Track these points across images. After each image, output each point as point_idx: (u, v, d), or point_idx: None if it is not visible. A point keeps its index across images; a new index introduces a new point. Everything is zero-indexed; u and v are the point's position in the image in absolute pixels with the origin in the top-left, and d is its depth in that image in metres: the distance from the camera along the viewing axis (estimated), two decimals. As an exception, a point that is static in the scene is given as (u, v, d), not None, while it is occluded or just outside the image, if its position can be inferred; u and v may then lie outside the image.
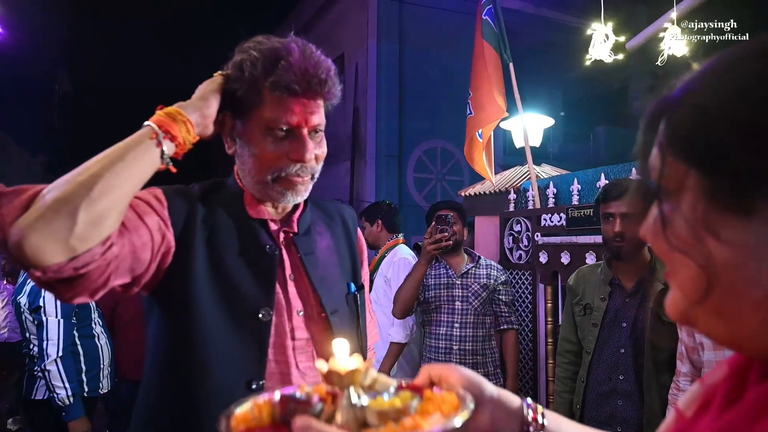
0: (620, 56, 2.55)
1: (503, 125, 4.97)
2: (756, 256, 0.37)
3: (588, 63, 2.50)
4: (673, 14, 2.56)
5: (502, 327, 2.76)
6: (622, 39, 2.56)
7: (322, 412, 0.64)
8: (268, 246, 1.02)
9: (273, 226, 1.05)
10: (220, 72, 0.99)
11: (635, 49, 3.18)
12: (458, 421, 0.56)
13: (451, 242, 2.47)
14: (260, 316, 0.97)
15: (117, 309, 3.05)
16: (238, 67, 0.95)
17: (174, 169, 0.89)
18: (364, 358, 1.10)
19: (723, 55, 0.40)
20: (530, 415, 0.61)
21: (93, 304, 2.71)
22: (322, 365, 0.63)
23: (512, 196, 3.39)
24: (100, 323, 2.76)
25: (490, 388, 0.59)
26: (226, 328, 0.95)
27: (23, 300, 2.48)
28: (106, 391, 2.73)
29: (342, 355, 0.64)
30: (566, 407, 2.09)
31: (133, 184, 0.82)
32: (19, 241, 0.70)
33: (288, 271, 1.04)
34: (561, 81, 8.80)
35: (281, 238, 1.05)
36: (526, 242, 3.17)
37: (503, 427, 0.59)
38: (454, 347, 2.62)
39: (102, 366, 2.69)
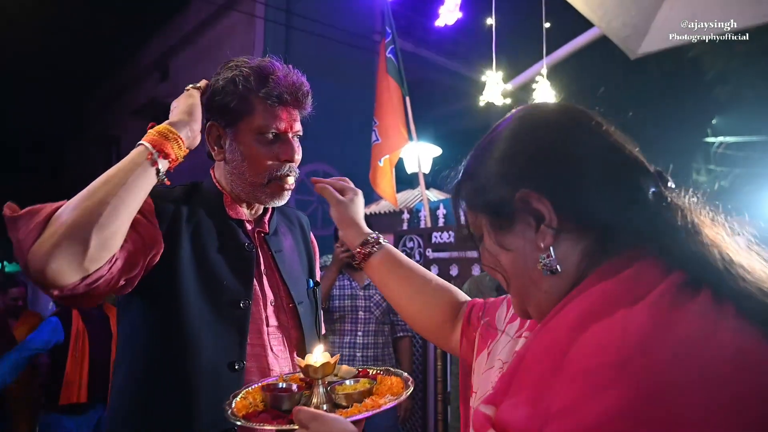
0: (508, 100, 3.06)
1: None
2: (522, 253, 0.62)
3: (482, 104, 2.96)
4: (544, 70, 3.17)
5: (398, 334, 3.03)
6: (509, 87, 3.07)
7: (302, 397, 0.84)
8: (246, 243, 1.14)
9: (248, 226, 1.18)
10: (192, 86, 1.10)
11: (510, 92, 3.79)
12: (402, 397, 0.81)
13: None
14: (241, 305, 1.09)
15: None
16: (231, 82, 1.07)
17: (168, 182, 0.98)
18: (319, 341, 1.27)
19: (475, 150, 0.68)
20: (373, 236, 1.02)
21: None
22: (299, 361, 0.82)
23: (406, 215, 3.73)
24: None
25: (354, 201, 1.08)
26: (211, 316, 1.05)
27: None
28: None
29: (316, 352, 0.83)
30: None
31: (136, 204, 0.91)
32: (41, 269, 0.78)
33: (262, 266, 1.17)
34: (437, 115, 9.65)
35: (255, 237, 1.18)
36: (417, 257, 3.50)
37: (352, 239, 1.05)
38: (357, 354, 2.81)
39: None
